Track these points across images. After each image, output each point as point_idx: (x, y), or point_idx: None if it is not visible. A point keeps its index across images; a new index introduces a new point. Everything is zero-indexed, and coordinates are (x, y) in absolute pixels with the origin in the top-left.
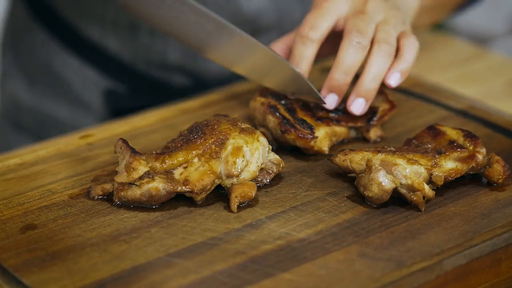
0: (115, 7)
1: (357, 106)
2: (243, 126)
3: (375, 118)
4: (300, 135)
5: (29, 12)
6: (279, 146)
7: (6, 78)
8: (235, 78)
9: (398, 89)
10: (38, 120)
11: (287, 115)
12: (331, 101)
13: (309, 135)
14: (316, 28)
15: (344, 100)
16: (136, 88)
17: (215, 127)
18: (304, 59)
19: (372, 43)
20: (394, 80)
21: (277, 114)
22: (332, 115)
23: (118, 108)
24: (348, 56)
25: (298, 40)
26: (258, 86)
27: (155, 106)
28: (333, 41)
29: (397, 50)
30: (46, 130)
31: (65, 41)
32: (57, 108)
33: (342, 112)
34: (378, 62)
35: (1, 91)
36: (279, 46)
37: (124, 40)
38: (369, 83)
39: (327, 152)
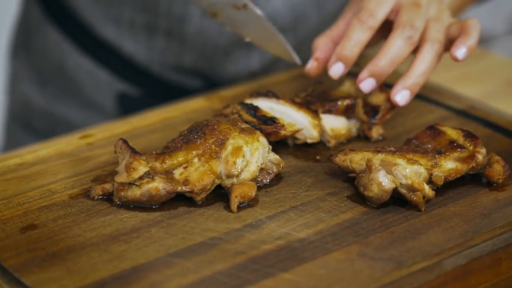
0: (132, 8)
1: (402, 97)
2: (243, 126)
3: (377, 117)
4: (268, 133)
5: (42, 12)
6: (277, 142)
7: (18, 79)
8: (249, 81)
9: None
10: (49, 122)
11: (250, 118)
12: (368, 85)
13: (275, 128)
14: (376, 15)
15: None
16: (149, 91)
17: (215, 127)
18: (359, 44)
19: (423, 39)
20: (461, 53)
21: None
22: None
23: (130, 111)
24: (397, 48)
25: (356, 24)
26: (254, 89)
27: None
28: (381, 30)
29: (461, 29)
30: (57, 132)
31: (78, 42)
32: (68, 110)
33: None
34: (429, 60)
35: (12, 92)
36: (323, 40)
37: (139, 41)
38: (417, 77)
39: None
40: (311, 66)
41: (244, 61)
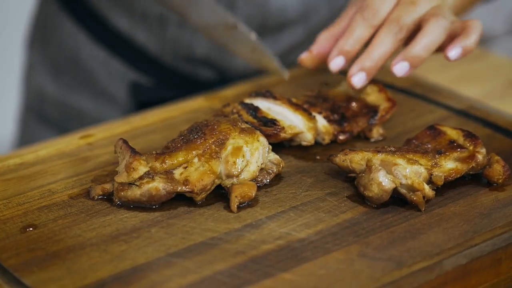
0: None
1: (401, 69)
2: (243, 126)
3: (376, 117)
4: (268, 135)
5: (58, 4)
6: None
7: (33, 70)
8: (260, 71)
9: (398, 89)
10: (62, 112)
11: (251, 119)
12: (359, 79)
13: (275, 130)
14: (379, 14)
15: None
16: (161, 81)
17: (215, 127)
18: (361, 40)
19: (427, 17)
20: (454, 53)
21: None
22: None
23: (143, 101)
24: (383, 43)
25: (360, 21)
26: (254, 89)
27: (179, 99)
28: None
29: (462, 28)
30: (70, 122)
31: (92, 32)
32: (82, 100)
33: (344, 121)
34: (433, 33)
35: (27, 82)
36: (325, 35)
37: (152, 32)
38: (419, 50)
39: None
40: (304, 56)
41: None
